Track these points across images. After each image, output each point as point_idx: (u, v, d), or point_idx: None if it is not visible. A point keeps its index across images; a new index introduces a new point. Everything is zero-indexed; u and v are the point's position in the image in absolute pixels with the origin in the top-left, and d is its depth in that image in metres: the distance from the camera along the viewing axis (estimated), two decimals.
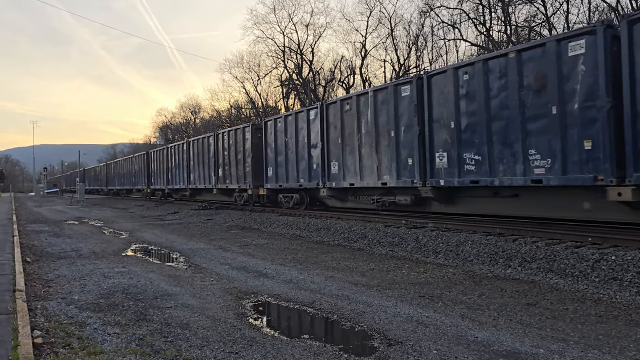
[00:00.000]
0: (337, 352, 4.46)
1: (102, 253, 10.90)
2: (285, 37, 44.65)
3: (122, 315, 5.67)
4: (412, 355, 4.34)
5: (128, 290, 7.02)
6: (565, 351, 4.39)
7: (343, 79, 44.56)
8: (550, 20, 28.88)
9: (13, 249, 10.51)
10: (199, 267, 8.93)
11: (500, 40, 31.36)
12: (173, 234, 14.76)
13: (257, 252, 10.67)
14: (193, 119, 72.96)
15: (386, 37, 40.29)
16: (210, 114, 64.09)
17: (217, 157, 23.54)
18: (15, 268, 8.08)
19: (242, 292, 6.93)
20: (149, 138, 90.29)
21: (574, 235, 9.02)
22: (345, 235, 12.25)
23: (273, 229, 15.12)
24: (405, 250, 10.18)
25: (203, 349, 4.53)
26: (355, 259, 9.64)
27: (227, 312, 5.83)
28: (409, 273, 8.13)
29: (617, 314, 5.60)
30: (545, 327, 5.13)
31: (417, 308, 5.91)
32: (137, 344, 4.66)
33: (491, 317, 5.50)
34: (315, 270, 8.51)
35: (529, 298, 6.35)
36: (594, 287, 6.74)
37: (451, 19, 34.34)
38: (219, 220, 18.85)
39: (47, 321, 5.42)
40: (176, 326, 5.25)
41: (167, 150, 31.54)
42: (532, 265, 7.88)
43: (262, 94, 50.74)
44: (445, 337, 4.83)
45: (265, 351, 4.48)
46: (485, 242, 9.31)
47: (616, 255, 7.34)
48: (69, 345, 4.61)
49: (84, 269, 8.82)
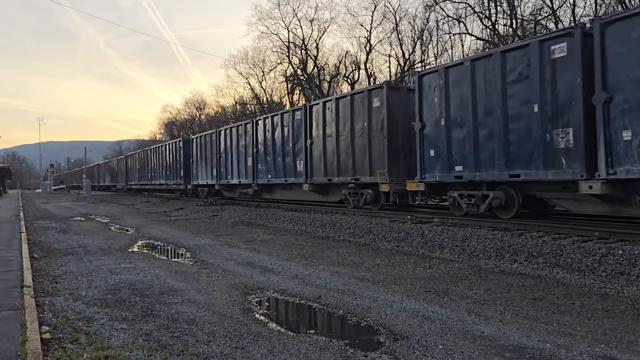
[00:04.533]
0: (343, 347, 4.46)
1: (108, 249, 10.95)
2: (290, 32, 44.60)
3: (129, 311, 5.70)
4: (418, 350, 4.34)
5: (135, 285, 7.05)
6: (572, 346, 4.37)
7: (348, 74, 44.49)
8: (556, 14, 28.67)
9: (21, 245, 10.58)
10: (205, 263, 8.96)
11: (505, 34, 31.16)
12: (179, 230, 14.82)
13: (262, 248, 10.69)
14: (198, 115, 73.08)
15: (391, 31, 40.16)
16: (216, 110, 64.21)
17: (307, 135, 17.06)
18: (23, 264, 8.13)
19: (248, 287, 6.95)
20: (155, 134, 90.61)
21: (580, 229, 8.98)
22: (351, 231, 12.25)
23: (278, 225, 15.14)
24: (410, 245, 10.17)
25: (209, 344, 4.55)
26: (361, 254, 9.64)
27: (233, 308, 5.85)
28: (415, 268, 8.12)
29: (624, 308, 5.57)
30: (552, 321, 5.12)
31: (423, 303, 5.90)
32: (144, 339, 4.68)
33: (497, 312, 5.49)
34: (320, 265, 8.51)
35: (536, 293, 6.33)
36: (600, 281, 6.71)
37: (456, 13, 34.14)
38: (225, 216, 18.90)
39: (55, 317, 5.45)
40: (183, 321, 5.27)
41: (216, 135, 24.53)
42: (539, 260, 7.86)
43: (267, 90, 50.80)
44: (452, 332, 4.83)
45: (271, 346, 4.49)
46: (491, 236, 9.29)
47: (623, 249, 7.30)
48: (76, 341, 4.63)
49: (91, 265, 8.87)
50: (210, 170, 25.26)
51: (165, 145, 33.18)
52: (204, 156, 25.76)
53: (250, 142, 21.00)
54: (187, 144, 28.76)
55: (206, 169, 25.80)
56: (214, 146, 24.38)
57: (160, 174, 33.23)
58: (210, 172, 25.21)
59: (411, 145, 13.21)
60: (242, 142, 21.79)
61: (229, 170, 22.91)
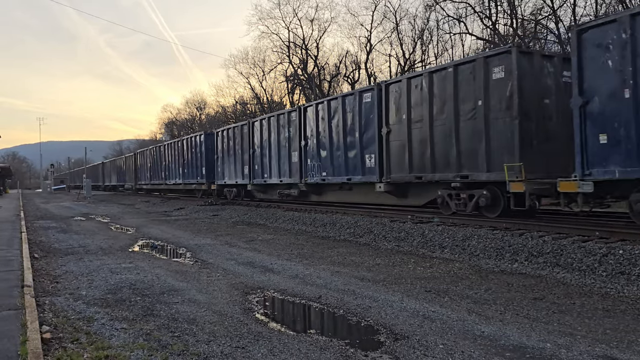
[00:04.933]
0: (344, 347, 4.46)
1: (109, 249, 10.95)
2: (290, 32, 44.56)
3: (129, 311, 5.70)
4: (418, 349, 4.34)
5: (135, 285, 7.05)
6: (572, 345, 4.37)
7: (348, 74, 44.47)
8: (557, 13, 28.64)
9: (21, 245, 10.58)
10: (206, 263, 8.96)
11: (506, 34, 31.14)
12: (179, 230, 14.82)
13: (263, 248, 10.69)
14: (198, 114, 73.05)
15: (391, 31, 40.10)
16: (216, 109, 64.16)
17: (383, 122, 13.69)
18: (23, 264, 8.13)
19: (248, 287, 6.95)
20: (155, 134, 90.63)
21: (581, 229, 8.98)
22: (351, 231, 12.25)
23: (279, 225, 15.14)
24: (411, 245, 10.17)
25: (210, 343, 4.55)
26: (361, 254, 9.64)
27: (234, 307, 5.85)
28: (415, 268, 8.12)
29: (625, 308, 5.57)
30: (552, 321, 5.12)
31: (424, 303, 5.90)
32: (145, 339, 4.69)
33: (498, 312, 5.49)
34: (321, 265, 8.51)
35: (536, 292, 6.33)
36: (601, 281, 6.71)
37: (457, 12, 34.08)
38: (225, 215, 18.90)
39: (55, 316, 5.45)
40: (183, 321, 5.27)
41: (249, 127, 21.00)
42: (539, 260, 7.85)
43: (267, 90, 50.76)
44: (452, 331, 4.82)
45: (271, 346, 4.49)
46: (491, 236, 9.29)
47: (624, 249, 7.30)
48: (77, 340, 4.64)
49: (92, 264, 8.87)
50: (240, 168, 21.72)
51: (183, 140, 29.42)
52: (231, 152, 22.40)
53: (297, 134, 17.51)
54: (209, 138, 25.34)
55: (235, 166, 22.29)
56: (246, 140, 20.99)
57: (176, 173, 29.78)
58: (241, 170, 21.64)
59: (547, 130, 10.42)
60: (285, 134, 18.36)
61: (266, 168, 19.60)
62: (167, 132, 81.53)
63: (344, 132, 15.14)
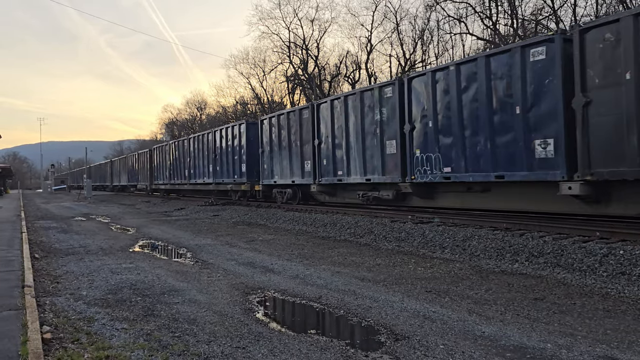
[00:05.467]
0: (344, 347, 4.46)
1: (109, 249, 10.96)
2: (291, 32, 44.63)
3: (130, 311, 5.70)
4: (418, 350, 4.34)
5: (136, 285, 7.06)
6: (573, 346, 4.37)
7: (349, 74, 44.51)
8: (557, 13, 28.64)
9: (22, 245, 10.59)
10: (206, 263, 8.96)
11: (506, 34, 31.14)
12: (180, 230, 14.82)
13: (263, 248, 10.69)
14: (199, 115, 73.11)
15: (392, 31, 40.20)
16: (216, 110, 64.24)
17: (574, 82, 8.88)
18: (24, 264, 8.14)
19: (249, 287, 6.95)
20: (155, 134, 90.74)
21: (581, 229, 8.97)
22: (352, 231, 12.25)
23: (279, 225, 15.14)
24: (411, 245, 10.17)
25: (210, 344, 4.55)
26: (362, 254, 9.64)
27: (234, 308, 5.85)
28: (416, 268, 8.12)
29: (626, 308, 5.57)
30: (553, 321, 5.11)
31: (424, 303, 5.90)
32: (145, 339, 4.69)
33: (498, 312, 5.48)
34: (321, 265, 8.51)
35: (537, 293, 6.32)
36: (602, 281, 6.70)
37: (457, 12, 34.14)
38: (226, 216, 18.90)
39: (56, 317, 5.46)
40: (184, 321, 5.27)
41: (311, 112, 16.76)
42: (540, 260, 7.85)
43: (268, 90, 50.82)
44: (452, 332, 4.82)
45: (272, 346, 4.49)
46: (492, 236, 9.28)
47: (624, 249, 7.29)
48: (77, 341, 4.64)
49: (92, 265, 8.87)
50: (297, 164, 17.74)
51: (215, 131, 24.68)
52: (284, 144, 18.61)
53: (395, 116, 13.19)
54: (252, 128, 21.23)
55: (290, 162, 18.26)
56: (307, 128, 17.09)
57: (205, 171, 25.53)
58: (299, 167, 17.64)
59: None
60: (372, 118, 14.03)
61: (340, 163, 15.51)
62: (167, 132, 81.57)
63: (491, 107, 10.51)
